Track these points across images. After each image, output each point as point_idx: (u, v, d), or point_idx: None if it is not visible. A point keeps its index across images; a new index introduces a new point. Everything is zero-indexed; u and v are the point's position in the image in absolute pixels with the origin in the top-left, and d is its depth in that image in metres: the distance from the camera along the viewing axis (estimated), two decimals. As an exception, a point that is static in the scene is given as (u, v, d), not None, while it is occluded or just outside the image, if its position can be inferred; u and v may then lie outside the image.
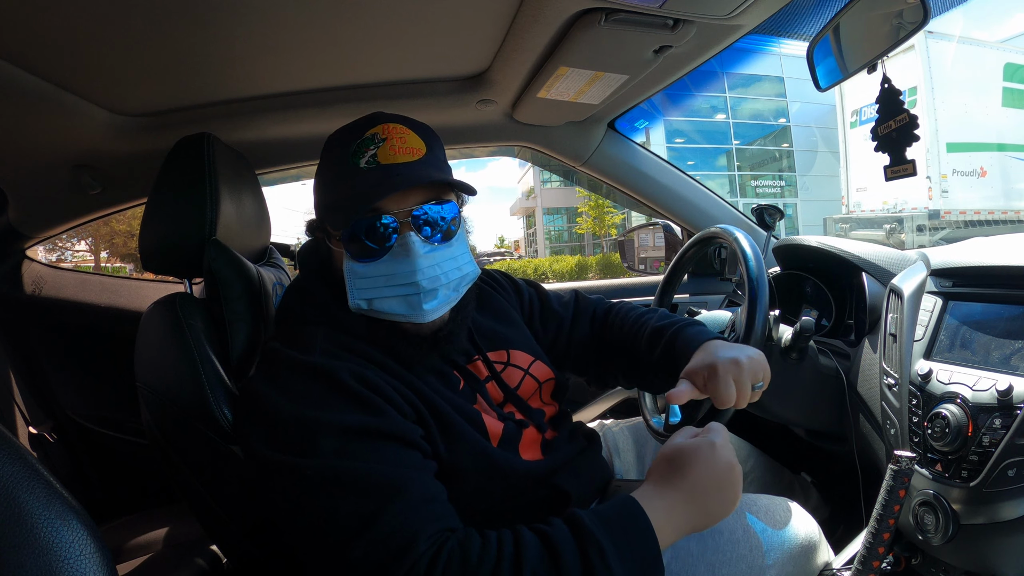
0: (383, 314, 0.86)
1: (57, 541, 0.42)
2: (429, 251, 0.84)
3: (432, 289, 0.85)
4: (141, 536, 1.44)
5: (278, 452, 0.74)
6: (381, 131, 0.86)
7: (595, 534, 0.69)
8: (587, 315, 1.18)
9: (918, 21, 0.88)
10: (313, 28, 1.08)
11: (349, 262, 0.85)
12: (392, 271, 0.83)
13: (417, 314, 0.85)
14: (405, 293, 0.84)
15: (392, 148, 0.85)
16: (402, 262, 0.83)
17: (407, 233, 0.83)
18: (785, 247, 1.57)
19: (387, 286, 0.84)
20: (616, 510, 0.73)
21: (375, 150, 0.84)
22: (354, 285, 0.85)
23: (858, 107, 12.84)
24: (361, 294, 0.85)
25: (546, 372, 1.03)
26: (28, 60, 1.04)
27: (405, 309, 0.85)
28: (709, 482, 0.74)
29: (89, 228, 15.65)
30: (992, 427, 0.84)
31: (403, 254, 0.83)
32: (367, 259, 0.84)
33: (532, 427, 0.94)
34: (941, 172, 11.35)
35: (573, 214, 29.69)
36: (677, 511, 0.73)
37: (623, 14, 1.03)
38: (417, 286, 0.83)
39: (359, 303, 0.85)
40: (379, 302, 0.85)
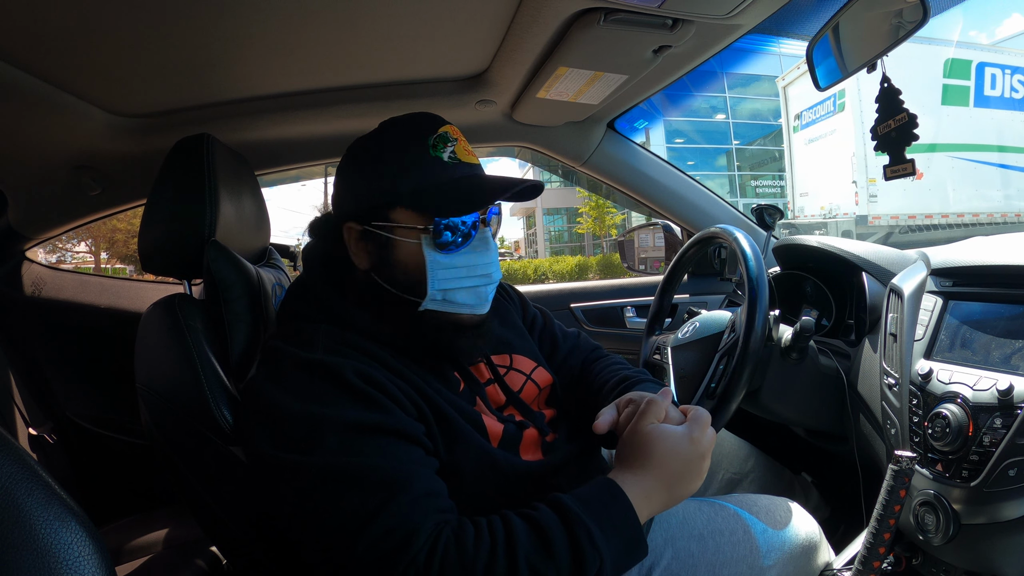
0: (452, 305, 0.88)
1: (56, 542, 0.42)
2: (494, 247, 0.91)
3: (496, 280, 0.91)
4: (141, 537, 1.44)
5: (282, 449, 0.75)
6: (450, 131, 0.89)
7: (581, 516, 0.71)
8: (583, 352, 1.16)
9: (917, 20, 0.88)
10: (312, 29, 1.08)
11: (432, 252, 0.86)
12: (473, 262, 0.87)
13: (482, 305, 0.90)
14: (478, 284, 0.88)
15: (465, 149, 0.90)
16: (483, 253, 0.88)
17: (486, 228, 0.89)
18: (785, 247, 1.57)
19: (467, 276, 0.87)
20: (596, 491, 0.75)
21: (452, 147, 0.88)
22: (436, 275, 0.86)
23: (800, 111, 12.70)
24: (441, 284, 0.86)
25: (547, 378, 1.03)
26: (28, 61, 1.04)
27: (474, 300, 0.89)
28: (683, 471, 0.78)
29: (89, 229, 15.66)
30: (993, 427, 0.84)
31: (483, 247, 0.88)
32: (451, 250, 0.86)
33: (533, 428, 0.94)
34: (869, 176, 11.10)
35: (573, 214, 29.67)
36: (652, 494, 0.76)
37: (622, 14, 1.03)
38: (490, 277, 0.89)
39: (436, 294, 0.87)
40: (454, 293, 0.87)
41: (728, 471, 1.30)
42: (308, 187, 15.52)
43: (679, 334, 1.36)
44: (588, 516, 0.71)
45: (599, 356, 1.14)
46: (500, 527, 0.72)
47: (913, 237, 11.05)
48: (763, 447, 1.41)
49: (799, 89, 12.77)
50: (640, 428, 0.80)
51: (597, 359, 1.13)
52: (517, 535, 0.70)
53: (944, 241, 1.21)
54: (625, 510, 0.74)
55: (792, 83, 13.03)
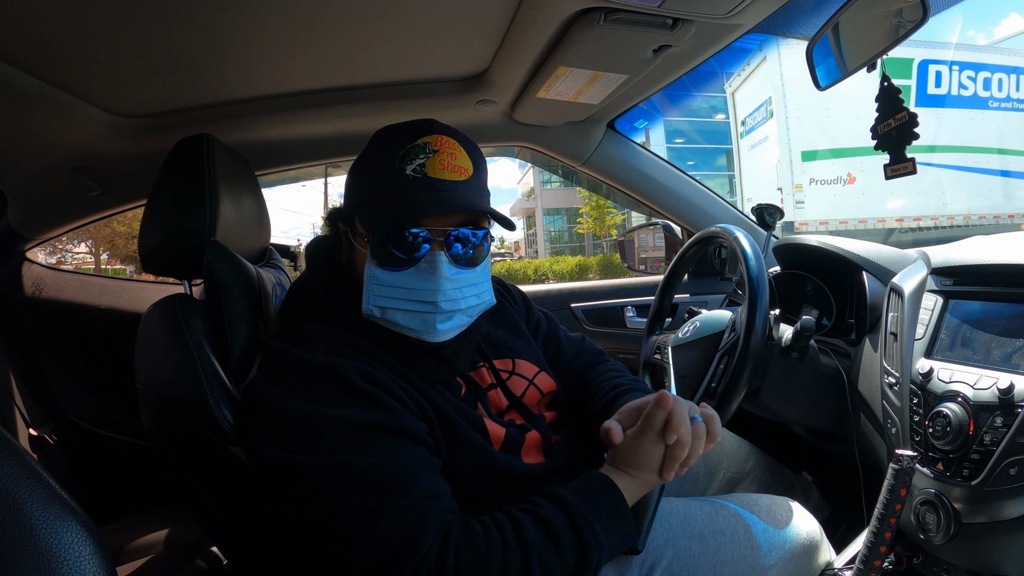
0: (393, 325, 0.85)
1: (56, 543, 0.42)
2: (454, 273, 0.84)
3: (449, 312, 0.85)
4: (141, 538, 1.44)
5: (284, 450, 0.74)
6: (434, 141, 0.85)
7: (583, 511, 0.74)
8: (586, 357, 1.15)
9: (917, 19, 0.88)
10: (312, 29, 1.08)
11: (372, 266, 0.84)
12: (415, 286, 0.83)
13: (429, 332, 0.85)
14: (422, 310, 0.84)
15: (441, 162, 0.84)
16: (427, 279, 0.83)
17: (438, 251, 0.83)
18: (785, 246, 1.57)
19: (406, 299, 0.83)
20: (593, 488, 0.78)
21: (424, 160, 0.83)
22: (372, 291, 0.84)
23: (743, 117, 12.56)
24: (377, 301, 0.84)
25: (550, 384, 1.02)
26: (28, 62, 1.04)
27: (418, 325, 0.84)
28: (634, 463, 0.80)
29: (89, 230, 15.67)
30: (993, 426, 0.84)
31: (429, 271, 0.83)
32: (392, 268, 0.83)
33: (535, 431, 0.94)
34: (795, 182, 10.90)
35: (573, 215, 29.67)
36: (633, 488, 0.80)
37: (622, 13, 1.03)
38: (436, 306, 0.83)
39: (372, 309, 0.84)
40: (393, 313, 0.84)
41: (729, 471, 1.30)
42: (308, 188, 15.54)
43: (679, 334, 1.36)
44: (589, 511, 0.74)
45: (600, 361, 1.13)
46: (508, 524, 0.73)
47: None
48: (764, 447, 1.41)
49: (744, 94, 12.64)
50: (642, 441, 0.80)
51: (597, 364, 1.12)
52: (527, 532, 0.72)
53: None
54: (617, 501, 0.77)
55: (738, 88, 12.88)
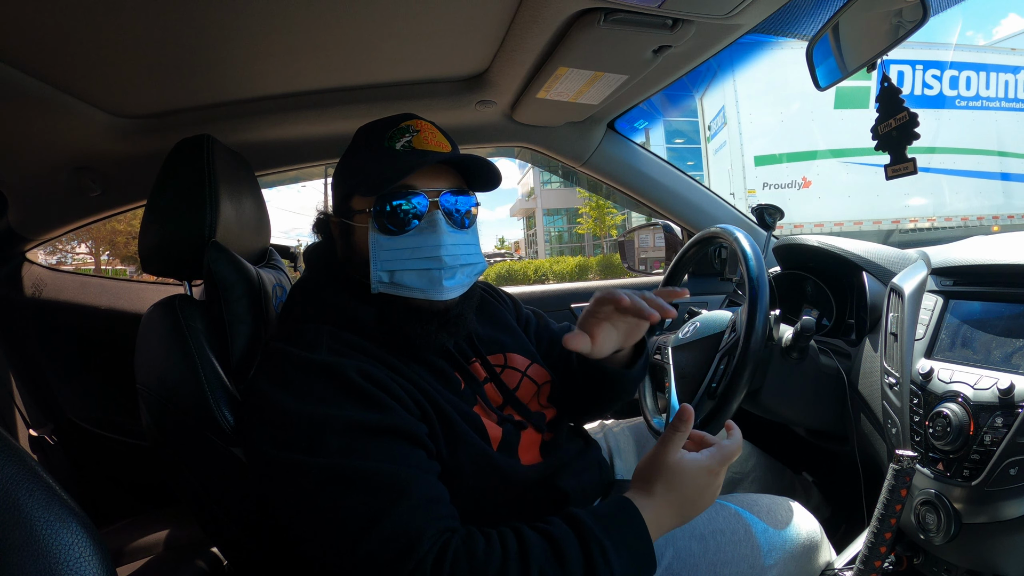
0: (402, 288, 0.88)
1: (57, 544, 0.42)
2: (452, 231, 0.89)
3: (452, 267, 0.88)
4: (141, 538, 1.44)
5: (284, 451, 0.74)
6: (415, 124, 0.92)
7: (596, 533, 0.72)
8: None
9: (917, 19, 0.88)
10: (312, 30, 1.08)
11: (375, 234, 0.88)
12: (418, 244, 0.87)
13: (436, 290, 0.88)
14: (428, 267, 0.87)
15: (425, 138, 0.91)
16: (428, 236, 0.87)
17: (435, 211, 0.88)
18: (785, 247, 1.57)
19: (411, 259, 0.87)
20: (614, 511, 0.76)
21: (410, 137, 0.90)
22: (378, 257, 0.87)
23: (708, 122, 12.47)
24: (384, 265, 0.87)
25: (543, 375, 1.03)
26: (28, 62, 1.04)
27: (425, 284, 0.88)
28: (696, 499, 0.79)
29: (90, 230, 15.67)
30: (994, 426, 0.84)
31: (429, 230, 0.87)
32: (394, 232, 0.87)
33: (531, 428, 0.94)
34: (747, 187, 10.79)
35: (573, 215, 29.67)
36: (663, 518, 0.77)
37: (622, 14, 1.03)
38: (440, 261, 0.87)
39: (381, 275, 0.88)
40: (400, 275, 0.87)
41: (729, 471, 1.30)
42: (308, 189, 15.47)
43: (680, 334, 1.36)
44: (603, 533, 0.72)
45: None
46: (512, 538, 0.72)
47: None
48: (764, 447, 1.41)
49: (708, 100, 12.62)
50: (665, 459, 0.79)
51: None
52: (530, 547, 0.70)
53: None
54: (639, 530, 0.74)
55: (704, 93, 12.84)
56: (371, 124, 0.96)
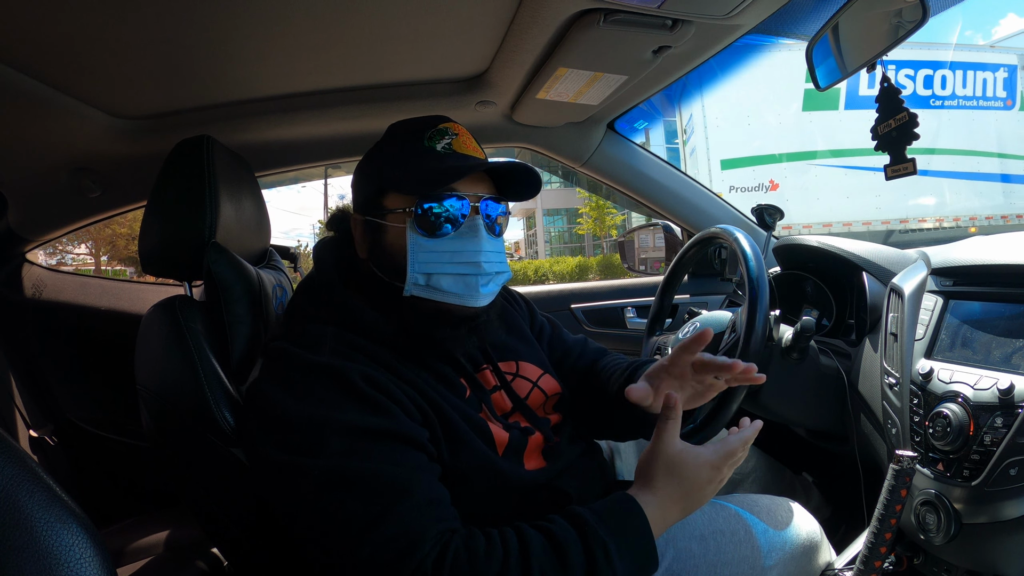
0: (437, 292, 0.87)
1: (57, 545, 0.42)
2: (490, 238, 0.88)
3: (489, 274, 0.88)
4: (141, 539, 1.44)
5: (286, 452, 0.74)
6: (453, 127, 0.91)
7: (599, 531, 0.72)
8: (591, 355, 1.15)
9: (917, 19, 0.88)
10: (312, 30, 1.08)
11: (415, 235, 0.86)
12: (459, 248, 0.86)
13: (472, 296, 0.87)
14: (466, 272, 0.86)
15: (465, 143, 0.90)
16: (470, 240, 0.86)
17: (476, 216, 0.87)
18: (785, 247, 1.57)
19: (451, 263, 0.86)
20: (617, 508, 0.76)
21: (450, 140, 0.89)
22: (416, 258, 0.86)
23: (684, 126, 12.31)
24: (422, 267, 0.86)
25: (554, 386, 1.02)
26: (27, 63, 1.04)
27: (461, 289, 0.87)
28: (699, 493, 0.79)
29: (90, 231, 15.68)
30: (994, 426, 0.84)
31: (471, 234, 0.86)
32: (436, 234, 0.86)
33: (538, 434, 0.94)
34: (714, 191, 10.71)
35: (573, 215, 29.63)
36: (667, 512, 0.78)
37: (622, 14, 1.03)
38: (479, 267, 0.86)
39: (417, 277, 0.86)
40: (438, 278, 0.86)
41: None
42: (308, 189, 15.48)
43: (680, 334, 1.36)
44: (605, 531, 0.72)
45: (605, 353, 1.15)
46: (513, 538, 0.72)
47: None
48: (764, 447, 1.41)
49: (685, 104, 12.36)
50: (664, 451, 0.79)
51: (604, 355, 1.13)
52: (531, 546, 0.70)
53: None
54: (642, 527, 0.74)
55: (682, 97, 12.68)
56: (405, 122, 0.94)
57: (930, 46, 10.82)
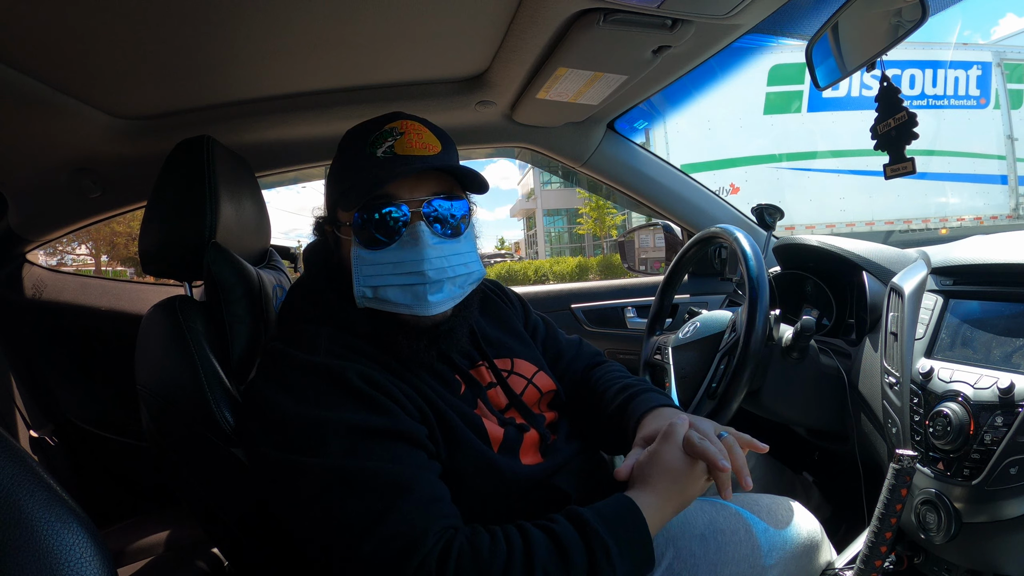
0: (387, 304, 0.86)
1: (57, 544, 0.42)
2: (437, 243, 0.85)
3: (438, 281, 0.85)
4: (142, 539, 1.44)
5: (285, 452, 0.75)
6: (400, 126, 0.88)
7: (600, 532, 0.72)
8: (586, 358, 1.16)
9: (916, 19, 0.88)
10: (312, 31, 1.08)
11: (357, 248, 0.85)
12: (400, 259, 0.84)
13: (421, 305, 0.85)
14: (411, 283, 0.84)
15: (409, 141, 0.86)
16: (410, 250, 0.84)
17: (417, 223, 0.84)
18: (785, 246, 1.57)
19: (393, 274, 0.84)
20: (616, 509, 0.76)
21: (392, 142, 0.86)
22: (360, 272, 0.85)
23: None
24: (367, 281, 0.85)
25: (548, 383, 1.02)
26: (27, 64, 1.04)
27: (409, 299, 0.85)
28: (691, 489, 0.79)
29: (90, 231, 15.67)
30: (994, 425, 0.84)
31: (412, 243, 0.84)
32: (376, 247, 0.85)
33: (533, 431, 0.94)
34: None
35: (573, 215, 29.64)
36: (664, 511, 0.78)
37: (621, 14, 1.03)
38: (423, 275, 0.84)
39: (364, 291, 0.85)
40: (384, 290, 0.85)
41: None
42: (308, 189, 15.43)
43: (680, 334, 1.36)
44: (607, 532, 0.72)
45: (600, 362, 1.14)
46: (517, 536, 0.72)
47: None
48: (764, 447, 1.41)
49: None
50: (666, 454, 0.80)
51: (598, 364, 1.12)
52: (535, 545, 0.71)
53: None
54: (641, 529, 0.75)
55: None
56: (357, 127, 0.93)
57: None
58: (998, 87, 10.45)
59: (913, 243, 1.19)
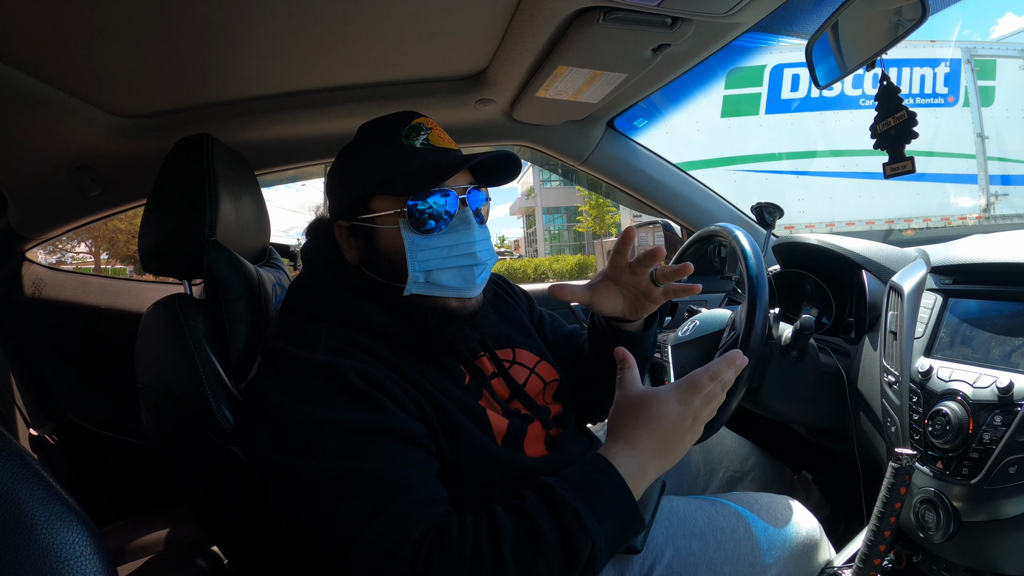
0: (438, 288, 0.89)
1: (57, 543, 0.42)
2: (479, 227, 0.91)
3: (484, 262, 0.90)
4: (142, 538, 1.44)
5: (282, 452, 0.75)
6: (425, 122, 0.92)
7: (567, 498, 0.70)
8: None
9: (916, 18, 0.88)
10: (312, 29, 1.08)
11: (411, 234, 0.87)
12: (454, 242, 0.88)
13: (470, 287, 0.90)
14: (463, 264, 0.89)
15: (440, 136, 0.92)
16: (464, 233, 0.88)
17: (464, 209, 0.89)
18: (785, 245, 1.57)
19: (449, 256, 0.88)
20: (585, 469, 0.74)
21: (426, 135, 0.90)
22: (415, 257, 0.87)
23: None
24: (422, 265, 0.87)
25: (552, 373, 1.03)
26: (27, 62, 1.04)
27: (460, 281, 0.89)
28: (673, 434, 0.77)
29: (89, 229, 15.66)
30: (993, 424, 0.84)
31: (463, 227, 0.88)
32: (430, 231, 0.87)
33: (537, 422, 0.94)
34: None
35: (573, 213, 29.66)
36: (646, 463, 0.76)
37: (621, 12, 1.03)
38: (475, 257, 0.89)
39: (418, 275, 0.87)
40: (438, 274, 0.88)
41: (729, 469, 1.30)
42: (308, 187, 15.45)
43: (679, 332, 1.36)
44: (576, 497, 0.70)
45: None
46: (485, 521, 0.71)
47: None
48: (763, 445, 1.41)
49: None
50: (625, 397, 0.79)
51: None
52: (501, 527, 0.69)
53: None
54: (617, 486, 0.72)
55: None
56: (376, 121, 0.95)
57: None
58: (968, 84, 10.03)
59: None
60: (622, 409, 0.79)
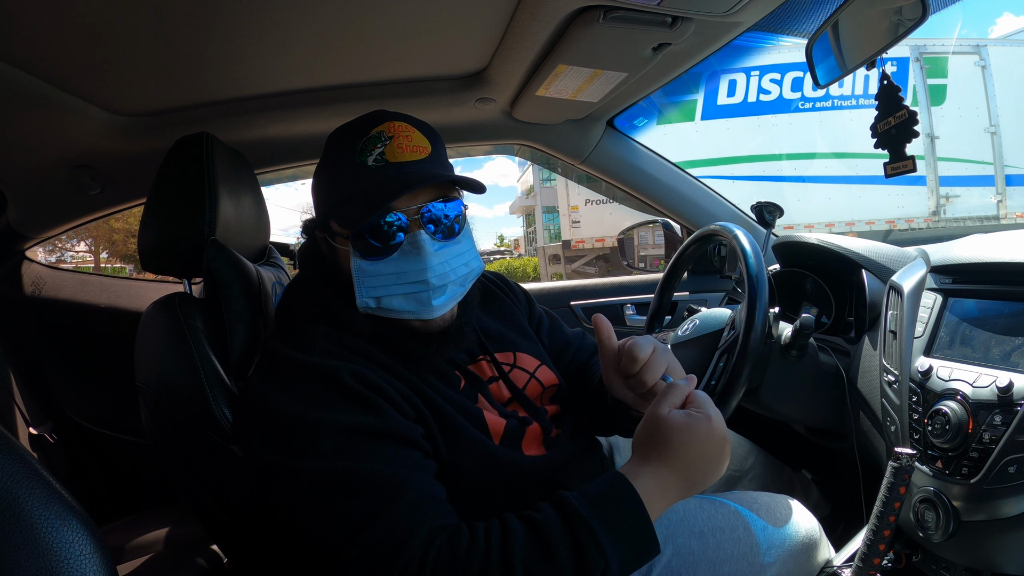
0: (391, 312, 0.86)
1: (57, 541, 0.42)
2: (438, 248, 0.84)
3: (441, 286, 0.85)
4: (141, 536, 1.44)
5: (277, 453, 0.75)
6: (387, 129, 0.86)
7: (584, 516, 0.68)
8: (589, 349, 1.15)
9: (916, 17, 0.88)
10: (312, 27, 1.08)
11: (357, 260, 0.84)
12: (402, 269, 0.83)
13: (425, 310, 0.85)
14: (415, 291, 0.84)
15: (399, 146, 0.85)
16: (413, 260, 0.83)
17: (416, 231, 0.83)
18: (784, 244, 1.57)
19: (397, 284, 0.84)
20: (605, 489, 0.71)
21: (382, 148, 0.84)
22: (363, 283, 0.84)
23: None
24: (370, 292, 0.84)
25: (551, 378, 1.02)
26: (27, 60, 1.04)
27: (414, 306, 0.85)
28: (702, 460, 0.72)
29: (89, 228, 15.64)
30: (992, 424, 0.84)
31: (413, 252, 0.83)
32: (376, 257, 0.84)
33: (536, 424, 0.94)
34: (571, 204, 10.91)
35: (573, 213, 29.57)
36: (668, 488, 0.71)
37: (621, 11, 1.03)
38: (427, 284, 0.83)
39: (367, 302, 0.85)
40: (388, 300, 0.84)
41: (728, 468, 1.30)
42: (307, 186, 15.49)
43: (679, 332, 1.36)
44: (594, 517, 0.68)
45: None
46: (497, 530, 0.70)
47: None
48: (763, 444, 1.41)
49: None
50: (658, 413, 0.73)
51: (596, 354, 1.12)
52: (514, 538, 0.68)
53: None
54: (635, 509, 0.69)
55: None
56: (341, 130, 0.91)
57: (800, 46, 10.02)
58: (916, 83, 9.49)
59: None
60: (646, 429, 0.74)
